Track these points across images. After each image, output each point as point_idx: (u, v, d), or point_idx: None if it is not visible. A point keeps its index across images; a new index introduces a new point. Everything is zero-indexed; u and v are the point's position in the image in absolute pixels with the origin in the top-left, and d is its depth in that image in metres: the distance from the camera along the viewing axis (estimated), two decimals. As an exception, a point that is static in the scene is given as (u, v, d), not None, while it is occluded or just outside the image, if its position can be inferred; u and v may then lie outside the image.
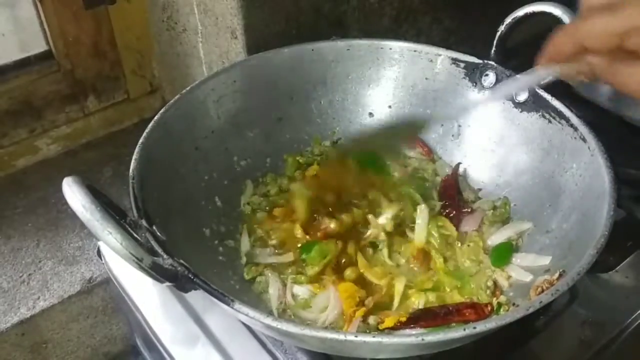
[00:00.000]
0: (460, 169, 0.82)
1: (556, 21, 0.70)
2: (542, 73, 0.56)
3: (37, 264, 0.85)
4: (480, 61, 0.78)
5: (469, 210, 0.76)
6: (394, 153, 0.82)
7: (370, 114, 0.85)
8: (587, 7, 0.51)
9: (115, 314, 0.89)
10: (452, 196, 0.77)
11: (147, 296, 0.73)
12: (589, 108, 0.91)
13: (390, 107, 0.85)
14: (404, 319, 0.61)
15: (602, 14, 0.48)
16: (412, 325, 0.61)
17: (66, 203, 0.75)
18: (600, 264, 0.57)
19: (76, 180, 0.50)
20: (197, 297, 0.70)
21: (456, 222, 0.74)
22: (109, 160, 1.02)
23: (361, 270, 0.69)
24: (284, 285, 0.68)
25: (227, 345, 0.67)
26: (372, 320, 0.63)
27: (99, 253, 0.80)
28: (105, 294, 0.85)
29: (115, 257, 0.75)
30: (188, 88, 0.74)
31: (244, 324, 0.67)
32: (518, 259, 0.69)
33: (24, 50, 0.94)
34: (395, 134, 0.76)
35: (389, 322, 0.61)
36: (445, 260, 0.71)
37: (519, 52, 0.86)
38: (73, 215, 0.92)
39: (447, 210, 0.76)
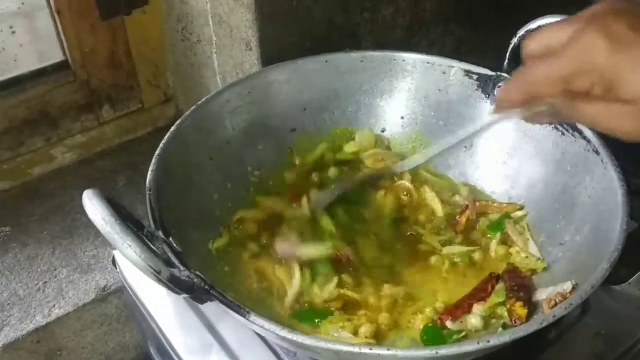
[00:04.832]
0: (473, 181, 0.82)
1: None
2: (501, 117, 0.59)
3: (53, 272, 0.86)
4: (494, 73, 0.78)
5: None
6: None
7: (383, 130, 0.86)
8: (529, 55, 0.52)
9: (129, 323, 0.89)
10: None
11: (161, 305, 0.73)
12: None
13: (402, 118, 0.85)
14: None
15: (544, 61, 0.49)
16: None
17: (81, 212, 0.76)
18: (613, 276, 0.57)
19: (96, 193, 0.51)
20: (211, 307, 0.70)
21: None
22: (123, 169, 1.03)
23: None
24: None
25: (240, 354, 0.67)
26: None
27: (114, 262, 0.80)
28: (119, 303, 0.86)
29: (130, 266, 0.76)
30: (203, 100, 0.75)
31: (257, 333, 0.68)
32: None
33: (41, 60, 0.95)
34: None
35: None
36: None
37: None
38: (88, 224, 0.94)
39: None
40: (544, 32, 0.51)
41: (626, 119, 0.47)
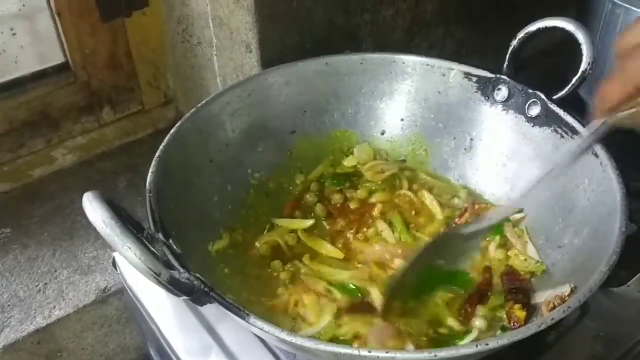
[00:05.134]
0: (472, 184, 0.83)
1: (569, 36, 0.70)
2: (602, 127, 0.56)
3: (53, 274, 0.86)
4: (493, 76, 0.79)
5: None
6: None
7: (383, 132, 0.86)
8: (623, 51, 0.51)
9: (129, 324, 0.89)
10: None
11: (161, 307, 0.74)
12: (601, 121, 0.91)
13: (402, 120, 0.86)
14: None
15: None
16: None
17: (82, 213, 0.76)
18: (612, 278, 0.57)
19: (96, 195, 0.51)
20: (210, 309, 0.70)
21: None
22: (123, 171, 1.03)
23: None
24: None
25: (240, 357, 0.68)
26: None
27: (114, 263, 0.81)
28: (119, 304, 0.86)
29: (130, 267, 0.76)
30: (204, 102, 0.75)
31: (257, 336, 0.68)
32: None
33: (42, 62, 0.95)
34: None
35: None
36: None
37: (529, 64, 0.87)
38: (88, 226, 0.93)
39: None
40: (636, 28, 0.51)
41: None
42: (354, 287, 0.70)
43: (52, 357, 0.85)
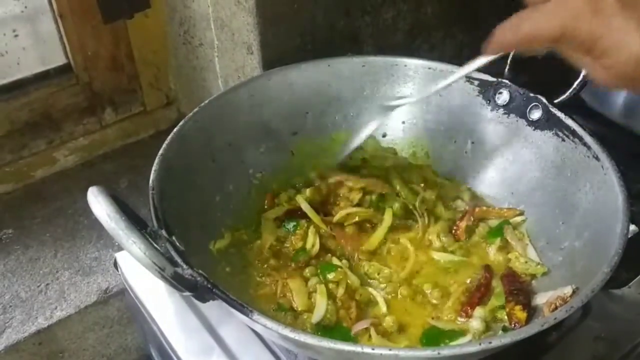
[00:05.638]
0: (473, 186, 0.83)
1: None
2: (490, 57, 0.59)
3: (55, 274, 0.86)
4: (495, 79, 0.79)
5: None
6: None
7: (384, 135, 0.87)
8: None
9: (131, 325, 0.89)
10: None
11: (163, 307, 0.73)
12: (601, 123, 0.92)
13: (403, 122, 0.86)
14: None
15: (538, 14, 0.49)
16: None
17: (83, 214, 0.76)
18: (614, 279, 0.57)
19: (101, 190, 0.51)
20: (212, 308, 0.71)
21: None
22: (125, 171, 1.03)
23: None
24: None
25: (241, 357, 0.67)
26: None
27: (115, 264, 0.81)
28: (120, 305, 0.86)
29: (132, 268, 0.77)
30: (206, 101, 0.76)
31: (257, 335, 0.68)
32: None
33: (44, 63, 0.95)
34: None
35: None
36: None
37: (530, 68, 0.87)
38: (90, 226, 0.94)
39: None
40: None
41: (608, 73, 0.49)
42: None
43: (54, 358, 0.84)
